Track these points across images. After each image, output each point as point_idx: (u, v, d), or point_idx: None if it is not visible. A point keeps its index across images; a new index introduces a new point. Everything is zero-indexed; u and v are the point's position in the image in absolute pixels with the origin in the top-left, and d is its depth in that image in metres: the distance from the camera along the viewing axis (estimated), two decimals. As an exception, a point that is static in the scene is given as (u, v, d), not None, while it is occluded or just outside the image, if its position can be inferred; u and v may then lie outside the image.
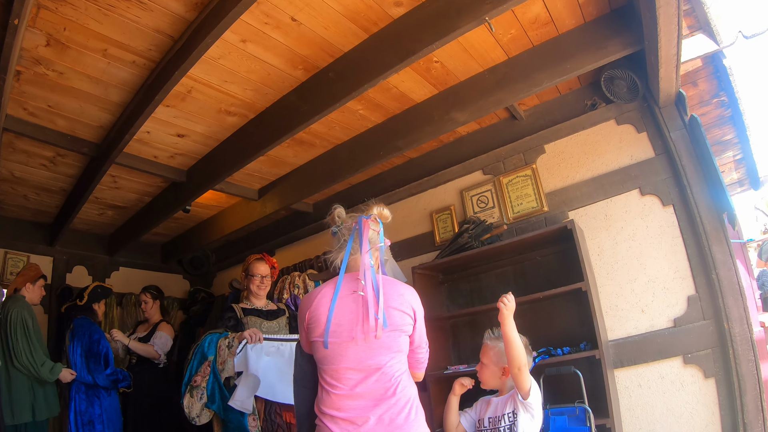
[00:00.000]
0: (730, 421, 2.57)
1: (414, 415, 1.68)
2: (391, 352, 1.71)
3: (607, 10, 2.70)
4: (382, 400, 1.66)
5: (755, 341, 2.56)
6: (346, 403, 1.67)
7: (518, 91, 2.97)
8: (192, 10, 2.33)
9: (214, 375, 2.72)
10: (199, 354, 2.81)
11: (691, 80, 3.29)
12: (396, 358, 1.73)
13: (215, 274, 6.01)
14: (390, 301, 1.74)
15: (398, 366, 1.73)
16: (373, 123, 3.56)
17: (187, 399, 2.67)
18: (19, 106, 2.95)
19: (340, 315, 1.73)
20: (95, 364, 3.53)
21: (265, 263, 3.20)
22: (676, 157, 2.89)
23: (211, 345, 2.81)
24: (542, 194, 3.39)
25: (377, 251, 1.88)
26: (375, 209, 1.93)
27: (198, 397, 2.67)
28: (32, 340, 3.27)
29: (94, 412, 3.49)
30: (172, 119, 3.22)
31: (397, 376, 1.71)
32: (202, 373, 2.73)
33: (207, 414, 2.69)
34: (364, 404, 1.66)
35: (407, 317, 1.77)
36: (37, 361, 3.24)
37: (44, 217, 4.70)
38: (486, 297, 3.47)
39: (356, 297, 1.75)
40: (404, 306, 1.77)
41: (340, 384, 1.69)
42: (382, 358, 1.69)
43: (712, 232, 2.74)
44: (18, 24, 2.06)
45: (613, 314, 3.00)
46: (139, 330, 4.19)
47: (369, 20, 2.55)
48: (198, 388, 2.69)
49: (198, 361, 2.79)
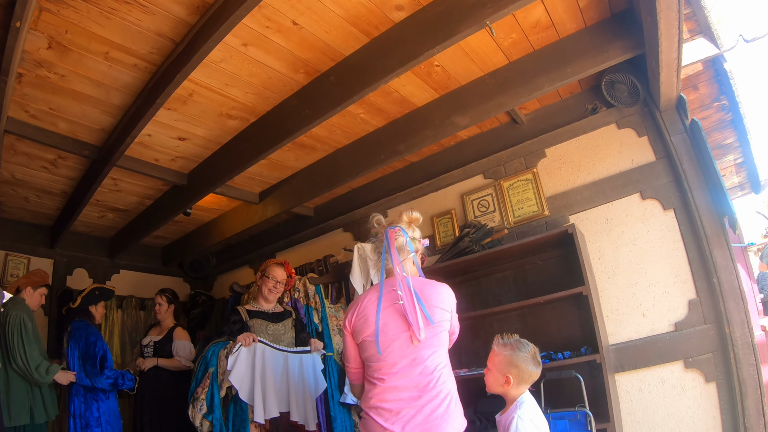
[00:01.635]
0: (732, 425, 2.56)
1: (453, 407, 1.78)
2: (432, 347, 1.83)
3: (608, 14, 2.70)
4: (424, 392, 1.77)
5: (756, 345, 2.55)
6: (391, 395, 1.79)
7: (519, 95, 2.97)
8: (193, 13, 2.33)
9: (212, 387, 2.78)
10: (202, 366, 2.88)
11: (691, 84, 3.30)
12: (437, 352, 1.84)
13: (216, 277, 6.00)
14: (430, 301, 1.88)
15: (439, 360, 1.83)
16: (374, 127, 3.56)
17: (190, 410, 2.75)
18: (20, 109, 2.95)
19: (386, 317, 1.89)
20: (92, 367, 3.49)
21: (284, 270, 3.24)
22: (677, 160, 2.89)
23: (213, 356, 2.88)
24: (543, 198, 3.39)
25: (410, 260, 2.02)
26: (404, 216, 2.08)
27: (198, 408, 2.74)
28: (29, 343, 3.24)
29: (92, 415, 3.46)
30: (173, 122, 3.23)
31: (438, 369, 1.81)
32: (203, 385, 2.79)
33: (207, 425, 2.74)
34: (408, 396, 1.78)
35: (446, 314, 1.90)
36: (31, 363, 3.21)
37: (45, 220, 4.70)
38: (487, 301, 3.46)
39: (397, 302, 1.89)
40: (443, 304, 1.90)
41: (386, 377, 1.82)
42: (424, 353, 1.81)
43: (713, 235, 2.74)
44: (20, 26, 2.07)
45: (614, 318, 3.00)
46: (153, 332, 4.11)
47: (370, 24, 2.56)
48: (198, 400, 2.76)
49: (201, 372, 2.86)
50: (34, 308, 3.60)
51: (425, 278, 2.03)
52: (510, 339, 2.11)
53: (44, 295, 3.67)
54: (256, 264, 5.45)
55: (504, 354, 2.07)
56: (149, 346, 3.96)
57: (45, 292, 3.67)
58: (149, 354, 3.92)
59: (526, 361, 2.03)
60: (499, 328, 3.33)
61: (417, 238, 2.09)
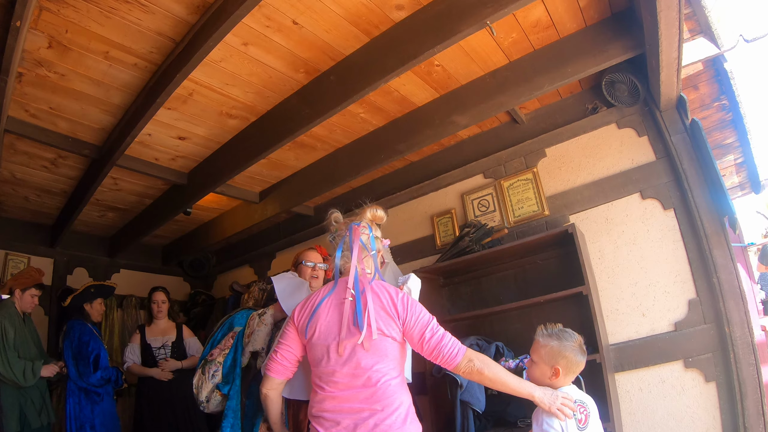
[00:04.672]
0: (731, 424, 2.56)
1: (401, 422, 1.67)
2: (376, 356, 1.72)
3: (609, 13, 2.70)
4: (368, 403, 1.68)
5: (756, 345, 2.55)
6: (331, 404, 1.71)
7: (519, 94, 2.97)
8: (194, 12, 2.33)
9: (235, 350, 2.25)
10: (226, 325, 2.41)
11: (692, 84, 3.29)
12: (382, 362, 1.72)
13: (216, 276, 6.00)
14: (376, 305, 1.76)
15: (385, 371, 1.72)
16: (374, 126, 3.56)
17: (198, 376, 2.23)
18: (20, 108, 2.95)
19: (329, 319, 1.78)
20: (84, 367, 3.46)
21: (317, 252, 3.01)
22: (677, 160, 2.89)
23: (242, 318, 2.42)
24: (543, 198, 3.39)
25: (371, 258, 1.92)
26: (368, 212, 1.96)
27: (210, 374, 2.20)
28: (9, 350, 3.16)
29: (87, 416, 3.43)
30: (173, 122, 3.23)
31: (384, 381, 1.70)
32: (222, 346, 2.27)
33: (218, 399, 2.21)
34: (348, 407, 1.69)
35: (392, 322, 1.76)
36: (16, 371, 3.14)
37: (45, 219, 4.70)
38: (487, 300, 3.46)
39: (345, 303, 1.79)
40: (391, 311, 1.77)
41: (328, 386, 1.73)
42: (367, 362, 1.71)
43: (713, 235, 2.74)
44: (20, 26, 2.07)
45: (614, 318, 2.99)
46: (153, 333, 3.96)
47: (370, 24, 2.56)
48: (212, 363, 2.22)
49: (223, 333, 2.37)
50: (27, 310, 3.53)
51: (384, 281, 1.92)
52: (554, 329, 1.98)
53: (36, 296, 3.57)
54: (256, 263, 5.46)
55: (551, 344, 1.92)
56: (165, 347, 3.87)
57: (36, 293, 3.56)
58: (165, 355, 3.85)
59: (574, 351, 1.91)
60: (499, 328, 3.35)
61: (379, 237, 2.00)
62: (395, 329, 1.76)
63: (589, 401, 1.93)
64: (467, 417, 2.74)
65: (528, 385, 1.81)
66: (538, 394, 1.79)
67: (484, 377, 1.74)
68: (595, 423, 1.90)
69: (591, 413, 1.89)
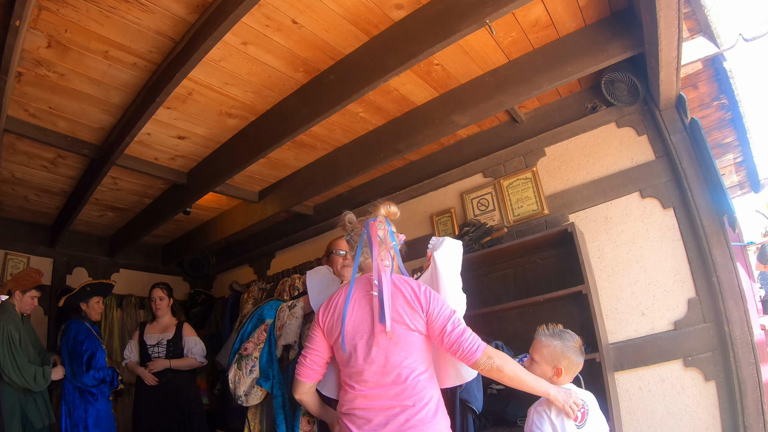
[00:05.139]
0: (731, 424, 2.56)
1: (431, 416, 1.68)
2: (404, 351, 1.73)
3: (608, 13, 2.70)
4: (399, 400, 1.69)
5: (756, 344, 2.55)
6: (362, 403, 1.72)
7: (519, 93, 2.97)
8: (193, 12, 2.33)
9: (269, 344, 2.22)
10: (255, 317, 2.36)
11: (691, 83, 3.29)
12: (410, 357, 1.73)
13: (215, 276, 6.00)
14: (399, 299, 1.77)
15: (414, 366, 1.73)
16: (374, 126, 3.56)
17: (234, 371, 2.18)
18: (20, 108, 2.95)
19: (355, 317, 1.80)
20: (77, 367, 3.42)
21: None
22: (677, 159, 2.89)
23: (271, 310, 2.37)
24: (543, 197, 3.39)
25: (391, 250, 1.93)
26: (382, 209, 2.00)
27: (247, 370, 2.16)
28: (19, 355, 3.15)
29: (80, 415, 3.40)
30: (172, 121, 3.22)
31: (414, 377, 1.71)
32: (256, 340, 2.22)
33: (258, 393, 2.17)
34: (380, 404, 1.70)
35: (417, 315, 1.76)
36: (27, 376, 3.13)
37: (45, 219, 4.70)
38: (487, 299, 3.46)
39: (370, 298, 1.80)
40: (415, 304, 1.77)
41: (358, 385, 1.75)
42: (395, 358, 1.72)
43: (712, 234, 2.74)
44: (19, 25, 2.07)
45: (614, 317, 3.00)
46: (152, 330, 3.86)
47: (370, 23, 2.56)
48: (248, 358, 2.18)
49: (253, 325, 2.31)
50: (27, 311, 3.51)
51: (406, 275, 1.93)
52: (556, 329, 2.00)
53: (36, 297, 3.54)
54: (256, 263, 5.46)
55: (554, 345, 1.94)
56: (160, 345, 3.78)
57: (36, 294, 3.53)
58: (159, 354, 3.76)
59: (574, 352, 1.94)
60: (498, 327, 3.35)
61: (395, 232, 2.01)
62: (420, 322, 1.76)
63: (588, 398, 1.95)
64: (466, 416, 2.74)
65: (544, 384, 1.83)
66: (553, 393, 1.82)
67: (504, 375, 1.74)
68: (596, 417, 1.92)
69: (589, 410, 1.90)
